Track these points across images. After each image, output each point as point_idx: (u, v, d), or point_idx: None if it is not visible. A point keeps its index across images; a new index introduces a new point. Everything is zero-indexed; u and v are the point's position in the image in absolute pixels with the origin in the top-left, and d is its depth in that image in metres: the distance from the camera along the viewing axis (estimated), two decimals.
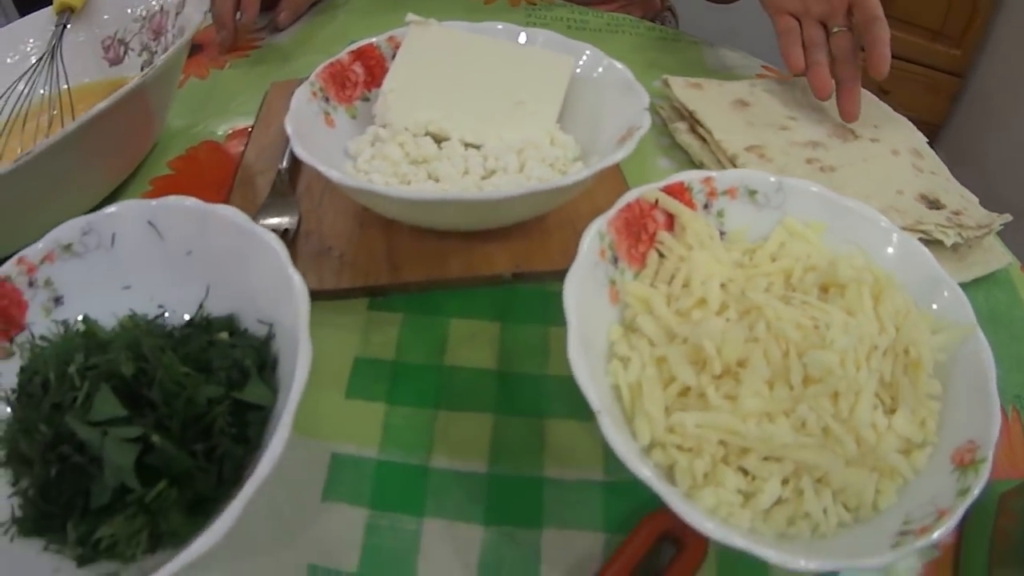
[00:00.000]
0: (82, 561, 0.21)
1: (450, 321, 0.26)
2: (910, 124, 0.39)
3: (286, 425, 0.18)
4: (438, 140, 0.28)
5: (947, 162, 0.37)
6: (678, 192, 0.24)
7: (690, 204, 0.24)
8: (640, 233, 0.23)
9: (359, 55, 0.31)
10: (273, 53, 0.45)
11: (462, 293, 0.27)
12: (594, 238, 0.21)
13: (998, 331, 0.31)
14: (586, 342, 0.19)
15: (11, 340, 0.26)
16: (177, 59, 0.33)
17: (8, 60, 0.39)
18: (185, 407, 0.20)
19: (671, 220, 0.24)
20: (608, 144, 0.27)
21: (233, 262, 0.24)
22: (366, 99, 0.30)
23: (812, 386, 0.19)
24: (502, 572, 0.20)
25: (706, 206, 0.25)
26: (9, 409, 0.25)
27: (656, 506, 0.20)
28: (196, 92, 0.41)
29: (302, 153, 0.25)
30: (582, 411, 0.23)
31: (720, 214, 0.25)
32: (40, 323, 0.26)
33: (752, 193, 0.25)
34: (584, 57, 0.30)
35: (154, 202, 0.26)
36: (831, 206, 0.25)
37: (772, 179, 0.25)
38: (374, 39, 0.31)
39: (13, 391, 0.25)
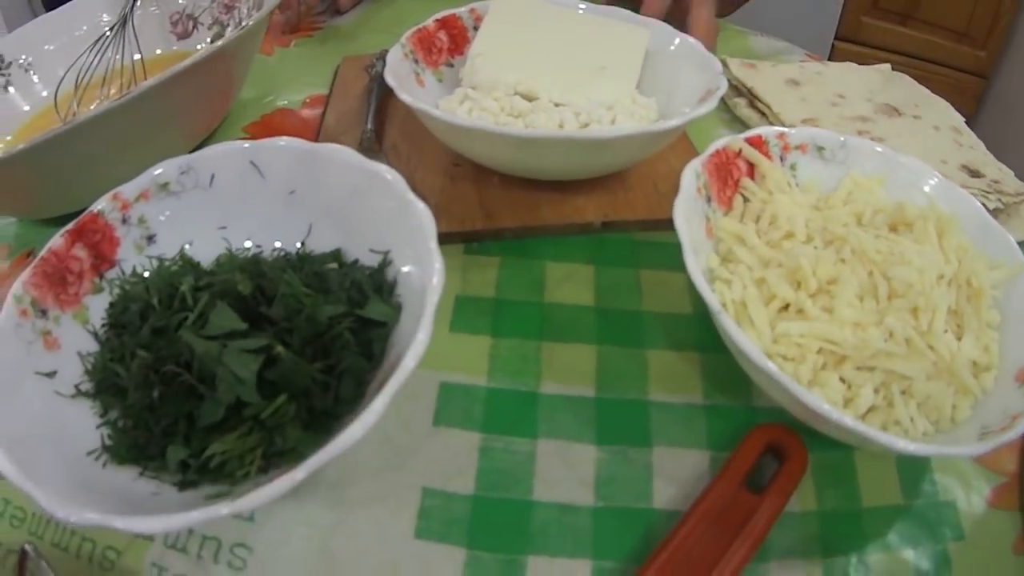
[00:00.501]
0: (183, 486, 0.22)
1: (546, 264, 0.30)
2: (948, 104, 0.45)
3: (428, 321, 0.20)
4: (527, 100, 0.33)
5: None
6: (757, 144, 0.29)
7: (767, 156, 0.29)
8: (727, 178, 0.28)
9: (443, 24, 0.35)
10: (336, 33, 0.50)
11: (554, 240, 0.31)
12: (691, 176, 0.26)
13: None
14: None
15: (101, 276, 0.27)
16: (261, 25, 0.37)
17: (77, 33, 0.44)
18: (306, 324, 0.22)
19: (752, 169, 0.29)
20: (684, 108, 0.32)
21: (341, 198, 0.27)
22: (450, 65, 0.35)
23: (896, 300, 0.24)
24: (617, 487, 0.23)
25: (781, 159, 0.30)
26: (97, 343, 0.26)
27: (757, 424, 0.24)
28: (263, 67, 0.46)
29: (408, 98, 0.30)
30: (680, 342, 0.28)
31: (793, 167, 0.30)
32: (131, 260, 0.28)
33: (820, 149, 0.30)
34: (659, 32, 0.36)
35: (256, 142, 0.28)
36: (890, 162, 0.30)
37: (838, 137, 0.30)
38: (456, 10, 0.36)
39: (103, 325, 0.26)
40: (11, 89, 0.43)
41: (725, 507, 0.22)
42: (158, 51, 0.45)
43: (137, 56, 0.42)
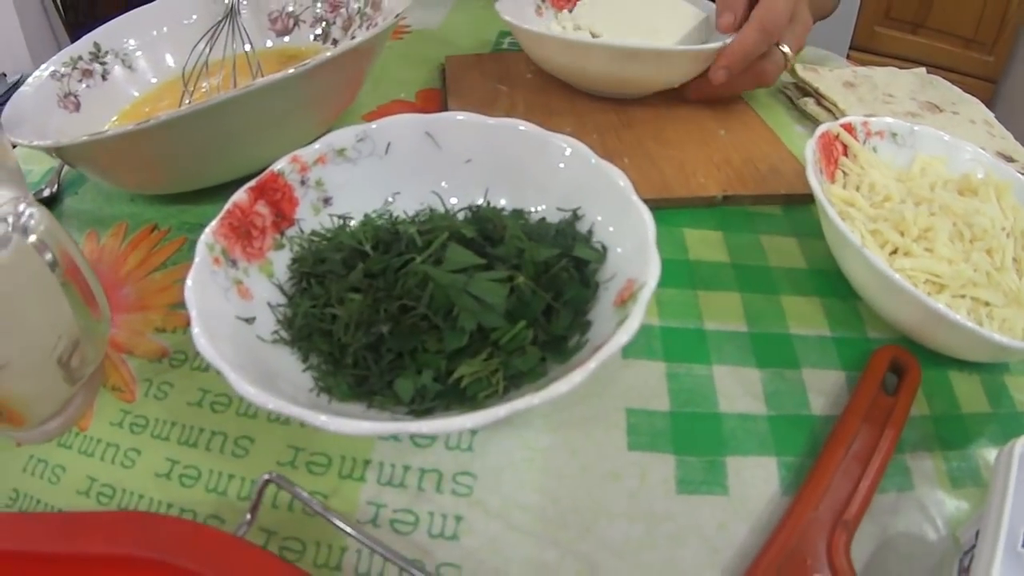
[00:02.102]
0: (419, 415, 0.27)
1: (684, 230, 0.42)
2: (979, 102, 0.61)
3: (656, 257, 0.29)
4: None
5: None
6: (848, 129, 0.43)
7: (856, 138, 0.43)
8: (830, 156, 0.42)
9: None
10: (426, 37, 0.62)
11: (686, 211, 0.43)
12: (811, 152, 0.39)
13: None
14: None
15: (282, 233, 0.33)
16: (392, 25, 0.48)
17: (185, 22, 0.55)
18: (530, 265, 0.30)
19: (845, 149, 0.43)
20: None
21: (520, 165, 0.35)
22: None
23: (976, 242, 0.37)
24: (782, 399, 0.34)
25: (864, 142, 0.44)
26: (284, 296, 0.31)
27: (877, 348, 0.37)
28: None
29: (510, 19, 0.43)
30: (802, 289, 0.40)
31: (874, 149, 0.44)
32: (310, 220, 0.33)
33: (894, 135, 0.45)
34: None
35: (432, 116, 0.35)
36: (948, 145, 0.45)
37: (907, 125, 0.45)
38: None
39: (290, 278, 0.32)
40: (113, 75, 0.52)
41: (869, 408, 0.33)
42: (267, 44, 0.56)
43: (248, 47, 0.53)
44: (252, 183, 0.33)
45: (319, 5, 0.56)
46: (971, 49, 1.40)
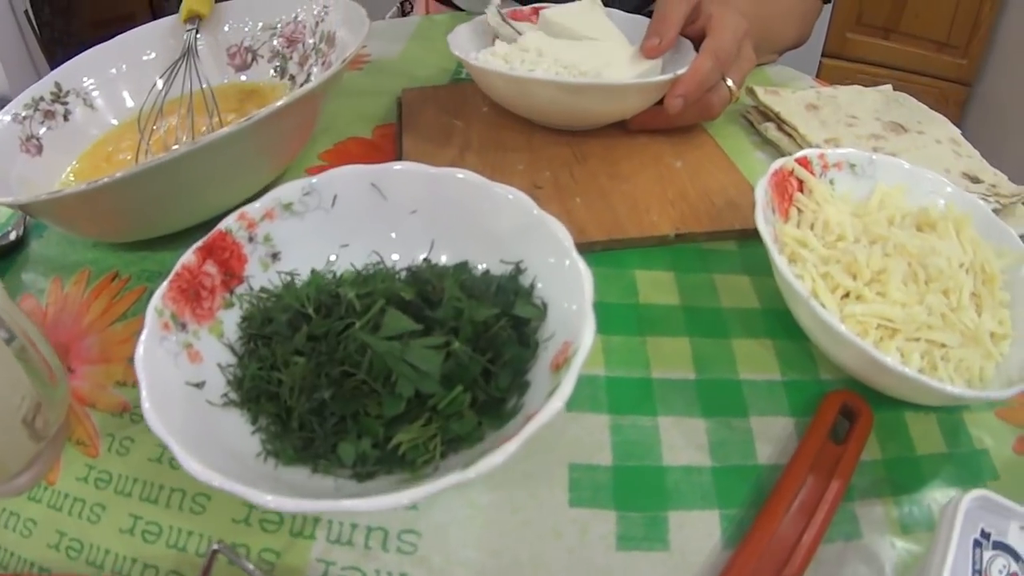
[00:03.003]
0: (361, 478, 0.26)
1: (634, 272, 0.39)
2: (946, 120, 0.57)
3: (591, 318, 0.26)
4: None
5: None
6: (804, 164, 0.39)
7: (812, 172, 0.39)
8: (784, 193, 0.38)
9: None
10: (385, 68, 0.59)
11: (637, 251, 0.40)
12: (762, 192, 0.36)
13: None
14: None
15: (231, 291, 0.32)
16: (348, 64, 0.45)
17: (144, 58, 0.51)
18: (468, 325, 0.28)
19: (801, 184, 0.39)
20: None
21: (465, 216, 0.33)
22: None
23: (932, 283, 0.33)
24: (727, 449, 0.31)
25: (821, 175, 0.40)
26: (234, 356, 0.30)
27: (828, 391, 0.33)
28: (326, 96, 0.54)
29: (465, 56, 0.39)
30: (754, 332, 0.37)
31: (831, 182, 0.40)
32: (259, 277, 0.32)
33: (852, 166, 0.41)
34: None
35: (377, 166, 0.33)
36: (909, 174, 0.41)
37: (866, 155, 0.41)
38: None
39: (239, 338, 0.31)
40: (75, 115, 0.49)
41: (817, 457, 0.30)
42: (225, 80, 0.52)
43: (205, 85, 0.49)
44: (200, 243, 0.31)
45: (276, 40, 0.52)
46: (944, 52, 1.35)
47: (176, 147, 0.34)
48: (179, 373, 0.28)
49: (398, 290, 0.30)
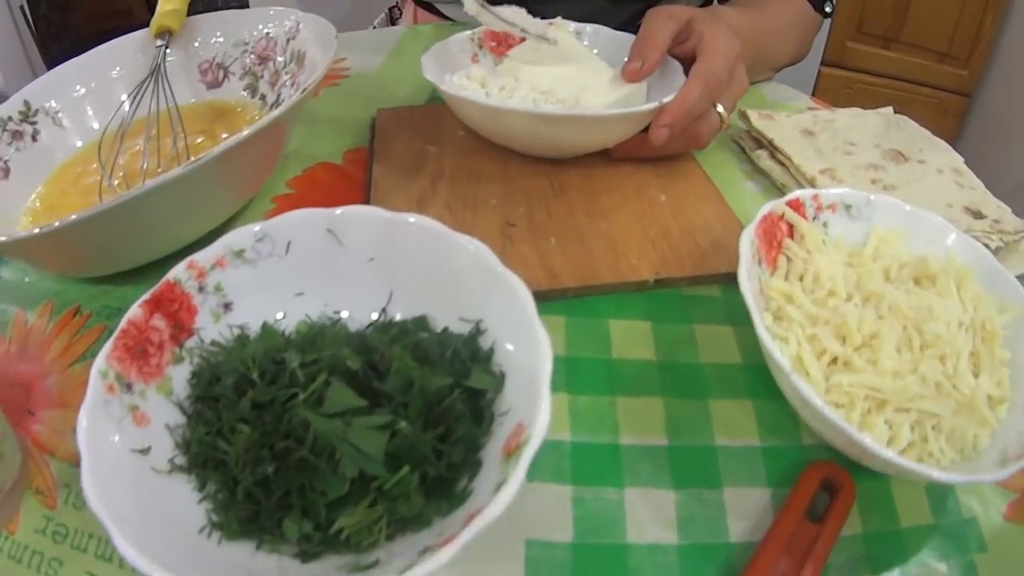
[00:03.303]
0: (305, 557, 0.24)
1: (608, 322, 0.35)
2: (948, 147, 0.52)
3: (546, 396, 0.23)
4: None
5: None
6: (796, 206, 0.35)
7: (804, 216, 0.35)
8: (772, 240, 0.34)
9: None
10: (363, 83, 0.55)
11: (613, 297, 0.36)
12: (747, 243, 0.32)
13: None
14: None
15: (181, 345, 0.29)
16: (313, 90, 0.41)
17: (113, 74, 0.48)
18: (419, 397, 0.25)
19: (791, 229, 0.35)
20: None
21: (424, 267, 0.30)
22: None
23: (927, 350, 0.30)
24: (697, 525, 0.28)
25: (815, 218, 0.36)
26: (183, 415, 0.28)
27: (810, 461, 0.30)
28: (299, 117, 0.49)
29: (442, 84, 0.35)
30: (734, 391, 0.33)
31: (825, 224, 0.36)
32: (210, 328, 0.29)
33: (848, 207, 0.37)
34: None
35: (333, 210, 0.30)
36: (908, 216, 0.37)
37: (863, 195, 0.37)
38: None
39: (188, 397, 0.28)
40: (42, 136, 0.45)
41: (792, 536, 0.27)
42: (192, 100, 0.49)
43: (172, 104, 0.46)
44: (147, 296, 0.28)
45: (248, 57, 0.48)
46: (945, 63, 1.29)
47: (135, 187, 0.31)
48: (123, 440, 0.26)
49: (344, 358, 0.27)
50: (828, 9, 0.65)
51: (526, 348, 0.27)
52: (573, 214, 0.40)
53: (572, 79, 0.42)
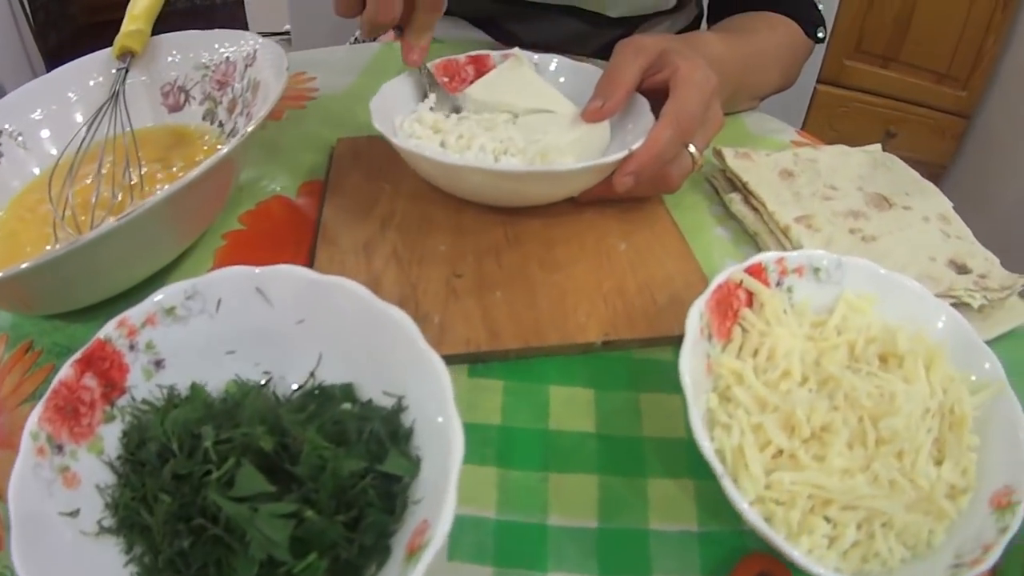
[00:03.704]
0: None
1: (549, 388, 0.32)
2: (936, 190, 0.47)
3: (452, 497, 0.21)
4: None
5: (954, 206, 0.45)
6: (757, 272, 0.31)
7: (765, 282, 0.31)
8: (727, 310, 0.30)
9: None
10: (329, 105, 0.51)
11: (557, 359, 0.33)
12: (695, 317, 0.28)
13: (1018, 383, 0.38)
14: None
15: (112, 404, 0.28)
16: (262, 124, 0.38)
17: (71, 95, 0.44)
18: (330, 480, 0.24)
19: (751, 297, 0.31)
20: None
21: (351, 333, 0.28)
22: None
23: (883, 447, 0.26)
24: None
25: (778, 283, 0.32)
26: (114, 474, 0.27)
27: (748, 551, 0.26)
28: (257, 142, 0.46)
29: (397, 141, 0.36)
30: (676, 469, 0.29)
31: (789, 289, 0.32)
32: (142, 387, 0.28)
33: (816, 271, 0.33)
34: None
35: (263, 270, 0.29)
36: (881, 280, 0.33)
37: (834, 258, 0.32)
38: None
39: (118, 457, 0.27)
40: (3, 161, 0.42)
41: None
42: (149, 123, 0.45)
43: (128, 129, 0.42)
44: (78, 355, 0.28)
45: (208, 82, 0.45)
46: (944, 84, 1.22)
47: (72, 240, 0.29)
48: (53, 504, 0.25)
49: (257, 439, 0.25)
50: (821, 35, 0.60)
51: (441, 437, 0.24)
52: (526, 265, 0.36)
53: (530, 125, 0.38)
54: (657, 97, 0.39)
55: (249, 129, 0.35)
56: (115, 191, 0.40)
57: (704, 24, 0.69)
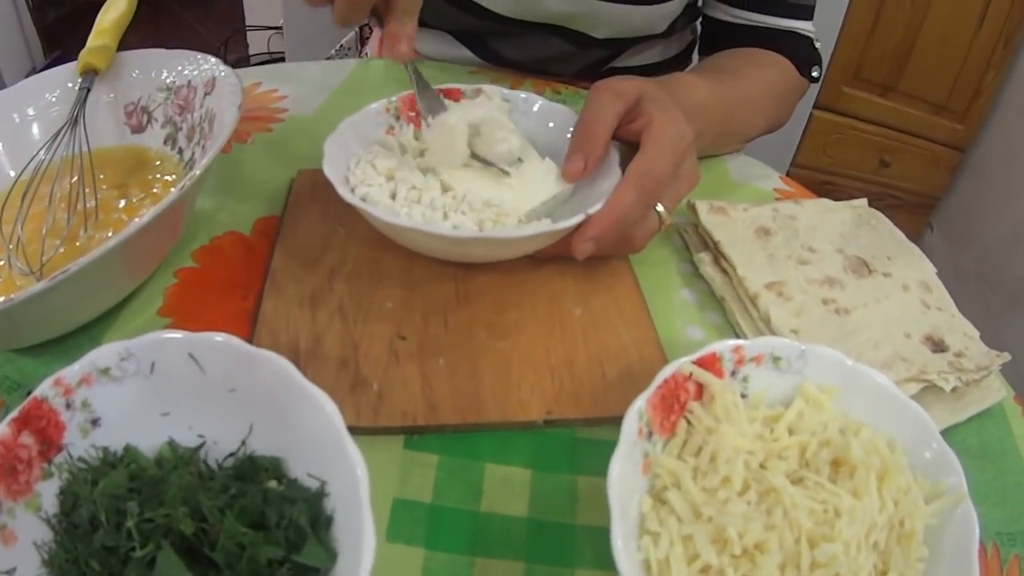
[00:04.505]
0: None
1: (485, 466, 0.29)
2: (920, 254, 0.44)
3: None
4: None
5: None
6: (710, 363, 0.28)
7: (719, 373, 0.28)
8: (673, 404, 0.27)
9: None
10: (297, 128, 0.47)
11: (496, 435, 0.30)
12: (634, 419, 0.25)
13: (985, 468, 0.35)
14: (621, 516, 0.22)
15: (49, 461, 0.27)
16: (213, 162, 0.35)
17: (30, 112, 0.41)
18: (247, 568, 0.23)
19: (701, 388, 0.28)
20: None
21: (279, 409, 0.26)
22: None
23: (818, 570, 0.23)
24: None
25: (733, 373, 0.29)
26: (51, 531, 0.26)
27: None
28: (219, 169, 0.43)
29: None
30: (607, 561, 0.26)
31: (745, 379, 0.29)
32: (78, 444, 0.28)
33: (777, 360, 0.29)
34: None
35: (195, 337, 0.28)
36: (846, 372, 0.29)
37: (796, 347, 0.29)
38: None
39: (55, 516, 0.26)
40: None
41: None
42: (112, 142, 0.42)
43: (86, 149, 0.39)
44: (15, 414, 0.27)
45: (170, 105, 0.41)
46: (941, 116, 1.16)
47: (13, 295, 0.28)
48: None
49: (178, 521, 0.24)
50: (815, 74, 0.56)
51: (355, 534, 0.22)
52: (473, 327, 0.33)
53: (496, 182, 0.35)
54: (630, 149, 0.36)
55: (197, 173, 0.32)
56: (70, 216, 0.37)
57: (695, 53, 0.65)
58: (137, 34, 0.46)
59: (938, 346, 0.38)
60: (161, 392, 0.28)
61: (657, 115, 0.35)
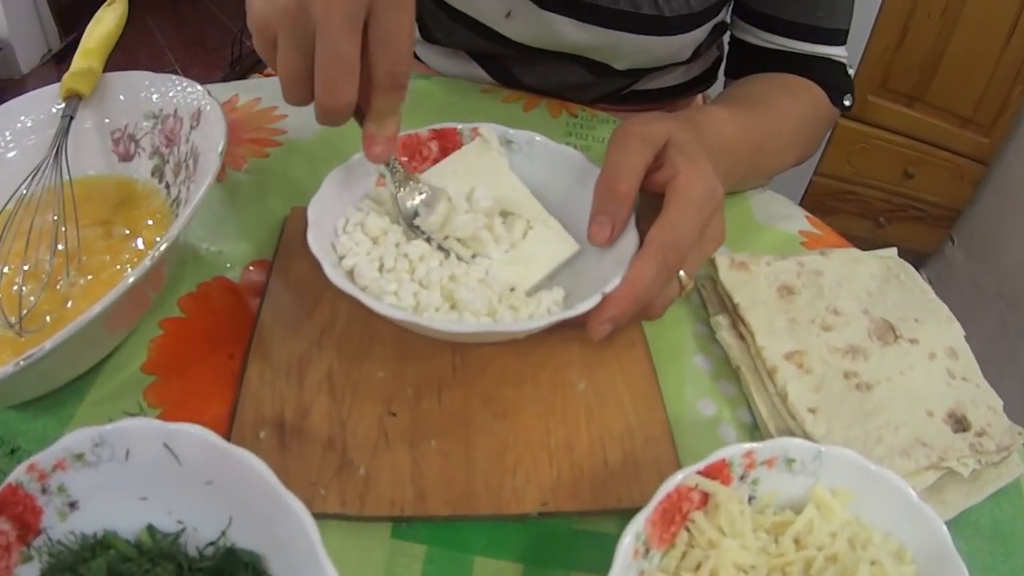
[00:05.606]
0: None
1: (474, 559, 0.27)
2: (949, 314, 0.40)
3: None
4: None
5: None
6: (718, 470, 0.25)
7: (727, 479, 0.25)
8: (674, 516, 0.24)
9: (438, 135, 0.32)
10: (295, 154, 0.43)
11: (488, 525, 0.28)
12: (631, 539, 0.22)
13: (996, 548, 0.33)
14: None
15: (28, 545, 0.26)
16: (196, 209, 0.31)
17: (7, 136, 0.38)
18: None
19: (705, 498, 0.25)
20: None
21: (257, 508, 0.24)
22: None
23: None
24: None
25: (743, 476, 0.26)
26: None
27: None
28: (211, 198, 0.39)
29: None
30: None
31: (755, 482, 0.26)
32: (57, 527, 0.27)
33: (790, 462, 0.27)
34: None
35: (170, 427, 0.26)
36: (863, 475, 0.26)
37: (813, 447, 0.26)
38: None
39: None
40: None
41: None
42: (91, 172, 0.39)
43: (67, 178, 0.36)
44: None
45: (157, 134, 0.38)
46: (967, 129, 1.10)
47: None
48: None
49: None
50: (847, 103, 0.51)
51: None
52: (468, 404, 0.30)
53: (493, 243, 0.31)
54: (655, 200, 0.32)
55: (175, 233, 0.29)
56: (51, 257, 0.34)
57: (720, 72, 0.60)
58: (156, 16, 0.42)
59: (960, 424, 0.35)
60: (138, 477, 0.26)
61: (684, 168, 0.31)
